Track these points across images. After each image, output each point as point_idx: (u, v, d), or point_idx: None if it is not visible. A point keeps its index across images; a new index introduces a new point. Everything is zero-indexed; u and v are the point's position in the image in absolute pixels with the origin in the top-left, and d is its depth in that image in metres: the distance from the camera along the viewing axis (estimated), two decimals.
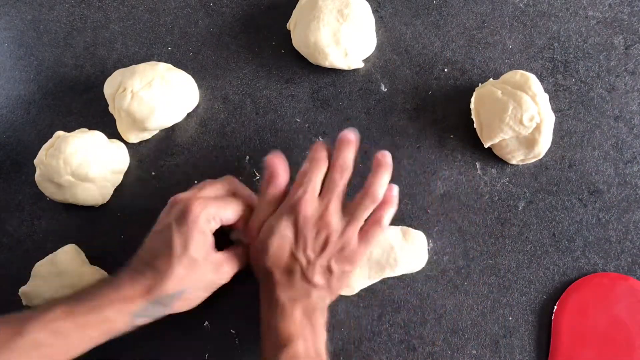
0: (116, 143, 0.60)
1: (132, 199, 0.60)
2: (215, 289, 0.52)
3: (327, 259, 0.49)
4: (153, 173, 0.60)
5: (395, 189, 0.52)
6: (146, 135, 0.61)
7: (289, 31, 0.62)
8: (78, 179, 0.56)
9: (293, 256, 0.49)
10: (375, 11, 0.62)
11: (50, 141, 0.58)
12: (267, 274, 0.50)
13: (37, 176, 0.57)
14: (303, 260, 0.49)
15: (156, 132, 0.61)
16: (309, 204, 0.50)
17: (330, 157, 0.52)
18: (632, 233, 0.56)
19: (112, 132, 0.61)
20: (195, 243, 0.48)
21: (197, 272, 0.49)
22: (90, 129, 0.60)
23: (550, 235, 0.57)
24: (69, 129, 0.60)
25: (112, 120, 0.61)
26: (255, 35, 0.63)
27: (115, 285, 0.48)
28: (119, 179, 0.59)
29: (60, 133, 0.58)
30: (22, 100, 0.63)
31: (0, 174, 0.62)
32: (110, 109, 0.60)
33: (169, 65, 0.60)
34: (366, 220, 0.51)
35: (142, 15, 0.65)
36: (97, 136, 0.58)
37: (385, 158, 0.51)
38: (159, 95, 0.58)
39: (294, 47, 0.61)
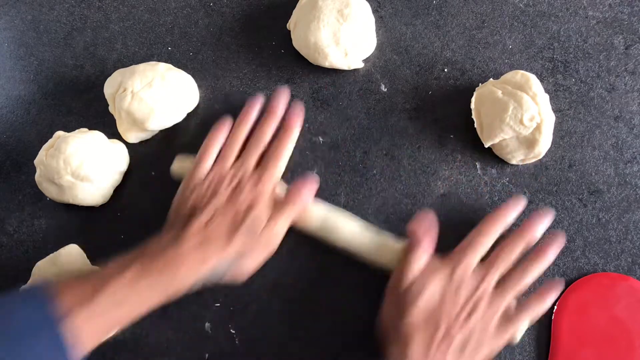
0: (116, 143, 0.60)
1: (132, 199, 0.60)
2: (265, 259, 0.53)
3: (469, 330, 0.48)
4: (153, 173, 0.60)
5: (555, 290, 0.52)
6: (146, 136, 0.61)
7: (289, 31, 0.62)
8: (78, 179, 0.56)
9: (438, 314, 0.49)
10: (375, 11, 0.62)
11: (50, 141, 0.58)
12: (400, 330, 0.49)
13: (37, 176, 0.57)
14: (448, 320, 0.48)
15: (156, 132, 0.61)
16: (470, 273, 0.51)
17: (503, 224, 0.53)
18: (632, 233, 0.56)
19: (112, 132, 0.61)
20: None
21: (256, 240, 0.52)
22: (90, 129, 0.60)
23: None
24: (69, 129, 0.60)
25: (112, 120, 0.61)
26: (255, 35, 0.63)
27: (182, 253, 0.49)
28: (119, 179, 0.59)
29: (60, 133, 0.58)
30: (22, 100, 0.63)
31: (0, 174, 0.62)
32: (111, 109, 0.60)
33: (169, 65, 0.60)
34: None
35: (142, 15, 0.65)
36: (97, 136, 0.58)
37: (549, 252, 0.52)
38: (159, 95, 0.58)
39: (294, 47, 0.61)
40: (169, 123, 0.60)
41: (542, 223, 0.53)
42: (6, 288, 0.58)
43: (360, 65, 0.60)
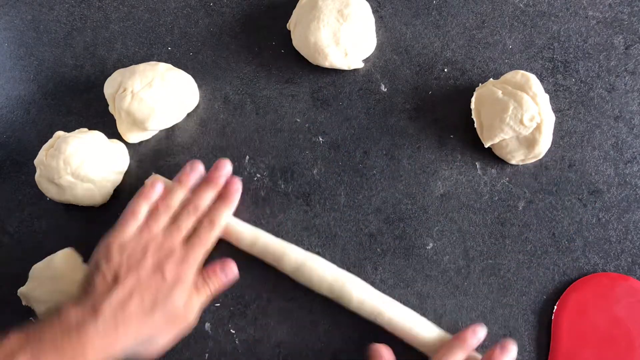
0: (116, 143, 0.60)
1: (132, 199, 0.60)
2: (179, 336, 0.51)
3: None
4: (153, 173, 0.60)
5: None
6: (146, 136, 0.61)
7: (289, 31, 0.62)
8: (78, 179, 0.56)
9: None
10: (375, 11, 0.62)
11: (50, 141, 0.58)
12: None
13: (37, 176, 0.57)
14: None
15: (156, 132, 0.61)
16: None
17: None
18: (632, 233, 0.56)
19: (112, 132, 0.61)
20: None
21: (173, 320, 0.49)
22: (90, 129, 0.60)
23: (550, 235, 0.57)
24: (69, 129, 0.60)
25: (112, 120, 0.61)
26: (255, 35, 0.63)
27: (94, 334, 0.45)
28: (119, 179, 0.59)
29: (60, 133, 0.58)
30: (22, 100, 0.63)
31: (0, 174, 0.62)
32: (111, 109, 0.60)
33: (169, 65, 0.60)
34: None
35: (142, 15, 0.65)
36: (97, 136, 0.58)
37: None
38: (159, 95, 0.58)
39: (294, 47, 0.61)
40: (169, 123, 0.60)
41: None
42: (6, 288, 0.58)
43: (360, 65, 0.60)
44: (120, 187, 0.60)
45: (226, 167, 0.56)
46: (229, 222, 0.55)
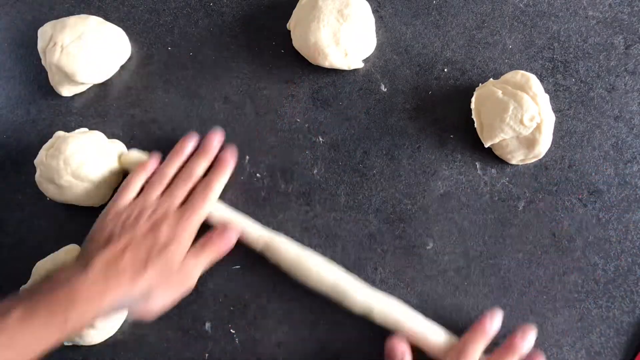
0: (116, 143, 0.60)
1: None
2: (179, 298, 0.51)
3: None
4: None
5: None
6: (79, 89, 0.62)
7: (289, 31, 0.62)
8: (78, 179, 0.56)
9: None
10: (375, 11, 0.62)
11: (50, 141, 0.58)
12: None
13: (37, 176, 0.57)
14: None
15: (89, 85, 0.62)
16: None
17: None
18: (632, 233, 0.56)
19: (112, 132, 0.61)
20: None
21: (169, 277, 0.50)
22: (90, 129, 0.60)
23: (550, 235, 0.57)
24: (69, 129, 0.60)
25: (112, 120, 0.61)
26: (255, 35, 0.63)
27: (83, 285, 0.46)
28: (118, 179, 0.59)
29: (60, 133, 0.58)
30: (22, 100, 0.63)
31: (0, 174, 0.62)
32: (43, 62, 0.61)
33: (100, 19, 0.62)
34: None
35: (142, 15, 0.65)
36: (97, 136, 0.58)
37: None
38: (89, 49, 0.59)
39: (294, 47, 0.61)
40: (101, 76, 0.61)
41: (527, 339, 0.51)
42: (6, 288, 0.58)
43: (360, 65, 0.60)
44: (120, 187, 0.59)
45: (218, 137, 0.58)
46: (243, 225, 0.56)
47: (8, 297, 0.46)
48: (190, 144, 0.57)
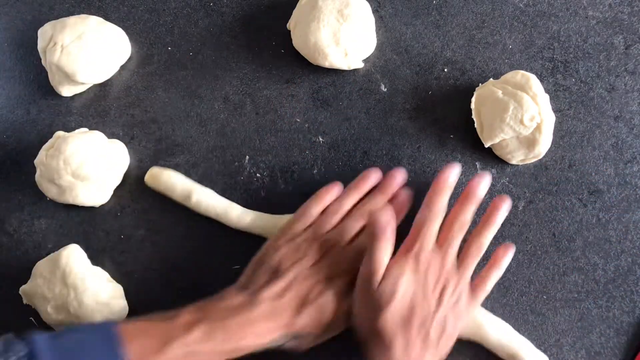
0: (116, 143, 0.60)
1: (132, 199, 0.60)
2: (329, 337, 0.52)
3: (444, 313, 0.49)
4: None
5: (508, 254, 0.53)
6: (79, 89, 0.61)
7: (289, 31, 0.62)
8: (78, 179, 0.56)
9: (413, 309, 0.48)
10: (375, 11, 0.62)
11: (50, 141, 0.58)
12: (378, 332, 0.48)
13: (37, 176, 0.57)
14: (423, 312, 0.48)
15: (89, 85, 0.62)
16: (432, 255, 0.50)
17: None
18: (632, 233, 0.56)
19: (112, 132, 0.61)
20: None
21: (323, 321, 0.50)
22: (90, 129, 0.60)
23: (550, 235, 0.57)
24: (69, 129, 0.60)
25: (112, 120, 0.61)
26: (255, 35, 0.63)
27: (253, 319, 0.48)
28: (119, 179, 0.59)
29: (60, 133, 0.58)
30: (22, 100, 0.63)
31: (0, 174, 0.62)
32: (43, 62, 0.61)
33: (100, 19, 0.61)
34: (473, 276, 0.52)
35: (142, 15, 0.65)
36: (97, 136, 0.58)
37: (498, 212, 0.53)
38: (89, 48, 0.58)
39: (294, 47, 0.61)
40: (101, 76, 0.61)
41: (483, 182, 0.53)
42: (6, 288, 0.58)
43: (360, 65, 0.60)
44: (120, 187, 0.60)
45: (400, 176, 0.56)
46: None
47: (185, 310, 0.48)
48: (373, 179, 0.56)
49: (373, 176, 0.56)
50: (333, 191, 0.55)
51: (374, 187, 0.56)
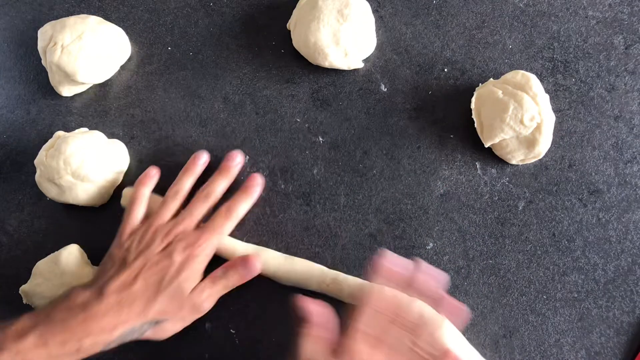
0: (116, 143, 0.60)
1: None
2: (190, 322, 0.52)
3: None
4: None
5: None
6: (79, 89, 0.61)
7: (289, 31, 0.62)
8: (78, 179, 0.56)
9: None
10: (375, 11, 0.62)
11: (50, 141, 0.58)
12: None
13: (37, 177, 0.57)
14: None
15: (89, 85, 0.62)
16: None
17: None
18: (632, 233, 0.56)
19: (112, 132, 0.61)
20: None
21: (181, 305, 0.50)
22: (90, 129, 0.60)
23: (550, 235, 0.57)
24: (69, 129, 0.60)
25: (112, 120, 0.61)
26: (255, 35, 0.63)
27: (98, 313, 0.46)
28: (119, 179, 0.59)
29: (60, 133, 0.58)
30: (22, 100, 0.63)
31: (0, 174, 0.62)
32: (43, 62, 0.61)
33: (100, 19, 0.61)
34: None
35: (142, 15, 0.65)
36: (97, 136, 0.58)
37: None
38: (89, 48, 0.59)
39: (294, 47, 0.61)
40: (101, 76, 0.61)
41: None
42: (6, 288, 0.58)
43: (360, 65, 0.60)
44: (120, 187, 0.60)
45: (238, 157, 0.57)
46: (227, 243, 0.55)
47: (25, 315, 0.46)
48: (202, 161, 0.57)
49: (202, 157, 0.57)
50: (152, 172, 0.56)
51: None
